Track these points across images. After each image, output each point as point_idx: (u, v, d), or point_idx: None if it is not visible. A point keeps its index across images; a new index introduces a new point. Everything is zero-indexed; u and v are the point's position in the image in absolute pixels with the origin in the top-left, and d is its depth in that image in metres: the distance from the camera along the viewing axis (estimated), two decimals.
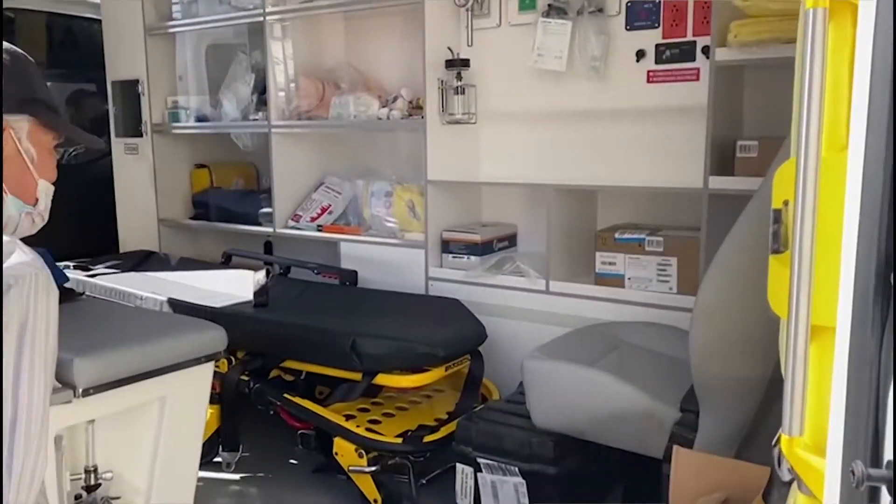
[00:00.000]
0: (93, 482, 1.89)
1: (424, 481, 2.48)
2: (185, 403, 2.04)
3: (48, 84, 1.38)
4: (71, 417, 1.79)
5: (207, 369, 2.06)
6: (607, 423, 1.98)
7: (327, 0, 3.12)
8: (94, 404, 1.81)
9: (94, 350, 1.80)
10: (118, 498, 1.93)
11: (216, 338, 2.07)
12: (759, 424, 1.84)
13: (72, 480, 1.88)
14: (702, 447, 1.86)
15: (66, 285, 3.01)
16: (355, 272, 3.10)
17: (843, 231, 0.82)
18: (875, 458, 0.75)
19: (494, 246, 2.99)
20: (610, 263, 2.65)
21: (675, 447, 1.68)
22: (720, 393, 1.81)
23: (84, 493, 1.89)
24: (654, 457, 1.94)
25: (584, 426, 2.02)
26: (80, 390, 1.76)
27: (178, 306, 2.71)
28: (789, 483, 1.13)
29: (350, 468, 2.35)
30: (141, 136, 3.79)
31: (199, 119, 3.67)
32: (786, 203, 1.01)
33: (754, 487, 1.52)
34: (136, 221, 3.90)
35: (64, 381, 1.76)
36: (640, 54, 2.72)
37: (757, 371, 1.76)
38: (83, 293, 2.32)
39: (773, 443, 1.19)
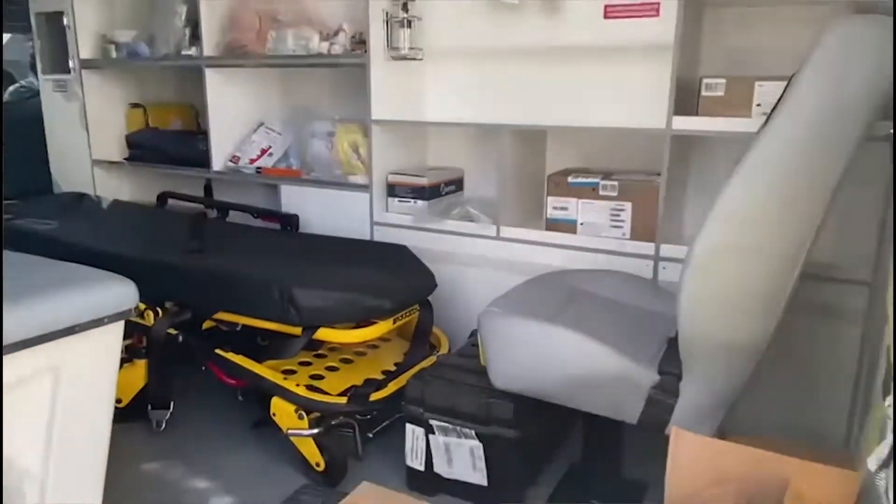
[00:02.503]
0: None
1: (371, 435, 2.00)
2: (86, 372, 1.46)
3: None
4: None
5: (114, 331, 1.48)
6: (575, 386, 1.52)
7: None
8: None
9: None
10: None
11: (123, 294, 1.48)
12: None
13: None
14: (683, 416, 1.44)
15: None
16: (296, 216, 2.62)
17: None
18: None
19: (442, 190, 2.53)
20: (562, 208, 2.24)
21: (674, 429, 1.22)
22: (710, 357, 1.38)
23: None
24: (628, 422, 1.50)
25: (549, 389, 1.56)
26: None
27: (95, 254, 2.11)
28: None
29: (289, 431, 1.84)
30: (69, 73, 3.10)
31: (131, 55, 2.99)
32: None
33: (777, 480, 1.07)
34: (68, 163, 3.26)
35: None
36: None
37: (754, 335, 1.34)
38: None
39: (878, 466, 0.73)
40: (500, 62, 2.43)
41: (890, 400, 0.77)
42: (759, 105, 1.89)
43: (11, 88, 4.07)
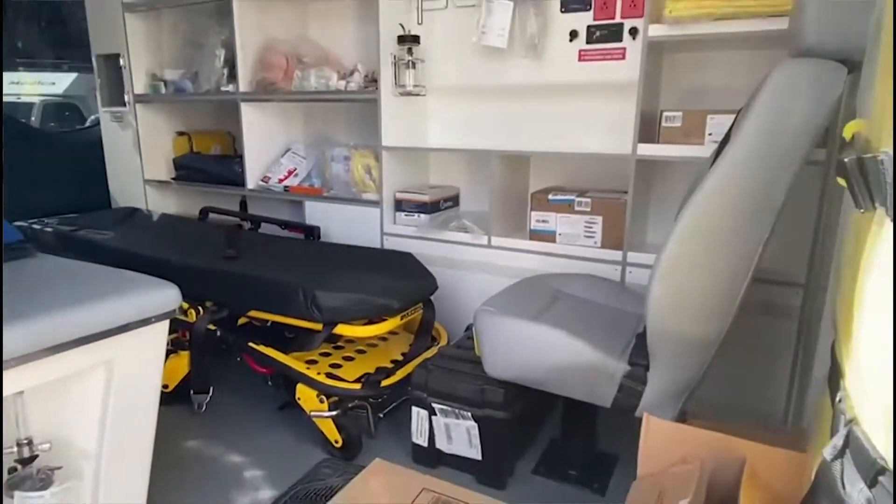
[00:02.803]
0: (27, 455, 1.26)
1: (382, 415, 1.95)
2: (136, 365, 1.40)
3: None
4: None
5: (160, 329, 1.43)
6: (558, 375, 1.48)
7: None
8: (16, 377, 1.17)
9: (13, 319, 1.15)
10: (59, 467, 1.31)
11: (168, 297, 1.43)
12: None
13: (4, 454, 1.25)
14: (650, 400, 1.39)
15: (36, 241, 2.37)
16: (318, 228, 2.56)
17: None
18: None
19: (441, 205, 2.48)
20: (543, 221, 2.19)
21: (645, 415, 1.18)
22: (674, 350, 1.33)
23: (19, 467, 1.27)
24: (602, 406, 1.46)
25: (535, 377, 1.52)
26: None
27: (146, 261, 2.06)
28: None
29: (312, 413, 1.79)
30: (125, 105, 3.03)
31: (178, 90, 2.93)
32: None
33: (734, 460, 1.04)
34: (124, 182, 3.18)
35: None
36: (573, 34, 2.19)
37: (712, 331, 1.29)
38: (33, 249, 1.62)
39: (833, 456, 0.69)
40: (490, 97, 2.40)
41: (840, 395, 0.74)
42: (710, 134, 1.86)
43: (91, 118, 4.01)
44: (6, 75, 3.26)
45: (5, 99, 3.31)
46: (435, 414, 1.72)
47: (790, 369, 1.87)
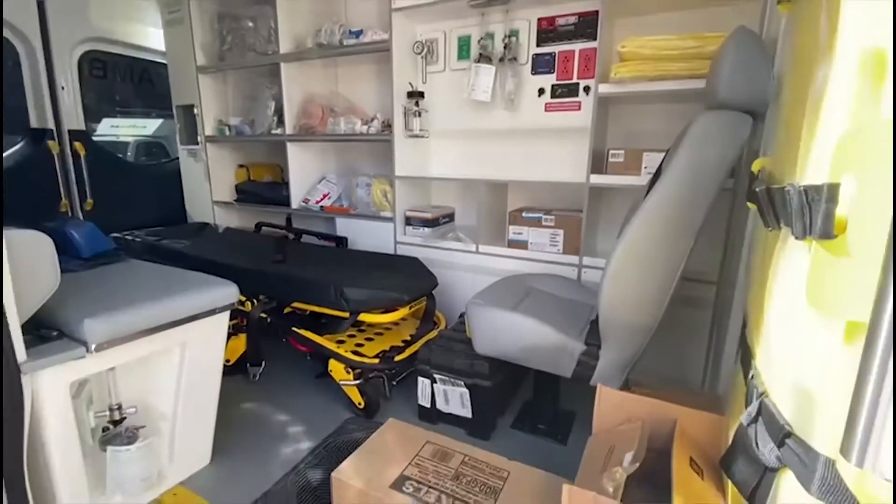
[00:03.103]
0: (117, 417, 1.23)
1: (395, 383, 1.91)
2: (203, 346, 1.37)
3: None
4: (87, 369, 1.11)
5: (223, 318, 1.40)
6: (531, 353, 1.45)
7: (328, 50, 2.38)
8: (109, 356, 1.13)
9: (106, 310, 1.12)
10: (143, 426, 1.27)
11: (228, 293, 1.40)
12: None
13: (98, 416, 1.22)
14: (601, 372, 1.36)
15: (122, 248, 2.34)
16: (346, 238, 2.52)
17: None
18: None
19: (440, 221, 2.43)
20: (518, 233, 2.15)
21: (599, 386, 1.15)
22: (620, 334, 1.30)
23: (111, 426, 1.23)
24: (565, 376, 1.44)
25: (514, 354, 1.49)
26: (93, 346, 1.08)
27: (213, 264, 2.03)
28: (772, 470, 0.62)
29: (341, 381, 1.75)
30: (198, 144, 2.99)
31: (238, 133, 2.89)
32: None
33: (668, 419, 1.01)
34: (197, 202, 3.13)
35: (77, 339, 1.08)
36: (541, 91, 2.16)
37: (648, 320, 1.26)
38: (123, 255, 1.59)
39: (748, 422, 0.67)
40: (478, 139, 2.37)
41: (752, 373, 0.71)
42: (646, 167, 1.84)
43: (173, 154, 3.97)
44: (108, 120, 3.18)
45: (107, 139, 3.25)
46: (436, 382, 1.69)
47: (706, 347, 1.85)
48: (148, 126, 3.50)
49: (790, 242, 0.60)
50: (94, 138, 3.00)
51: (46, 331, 1.09)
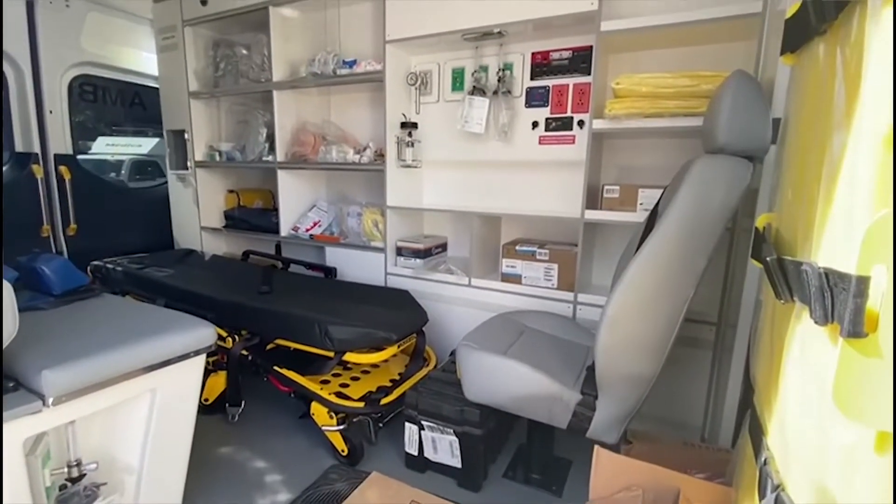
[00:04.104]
0: (76, 474, 1.13)
1: (381, 425, 1.81)
2: (176, 391, 1.28)
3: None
4: (44, 424, 1.02)
5: (198, 361, 1.31)
6: (524, 402, 1.37)
7: (322, 80, 2.36)
8: (69, 409, 1.04)
9: (67, 359, 1.03)
10: (104, 483, 1.17)
11: (205, 335, 1.31)
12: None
13: (54, 474, 1.12)
14: (598, 425, 1.28)
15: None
16: (335, 268, 2.44)
17: None
18: None
19: (432, 251, 2.37)
20: (512, 266, 2.09)
21: (595, 447, 1.07)
22: (618, 385, 1.23)
23: (69, 484, 1.13)
24: (560, 427, 1.36)
25: (505, 402, 1.41)
26: (50, 400, 0.99)
27: (196, 296, 1.95)
28: None
29: (324, 427, 1.66)
30: (187, 169, 2.94)
31: (229, 159, 2.84)
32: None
33: (670, 488, 0.93)
34: (185, 228, 3.06)
35: (34, 391, 1.00)
36: (535, 124, 2.14)
37: (649, 370, 1.19)
38: (98, 290, 1.51)
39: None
40: (471, 170, 2.33)
41: (764, 455, 0.64)
42: (641, 204, 1.80)
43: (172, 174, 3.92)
44: (103, 139, 3.13)
45: (102, 157, 3.20)
46: (423, 429, 1.60)
47: (706, 390, 1.77)
48: (143, 145, 3.47)
49: (807, 323, 0.54)
50: (86, 156, 2.94)
51: (4, 381, 1.01)
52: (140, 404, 1.24)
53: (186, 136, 2.88)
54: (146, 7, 2.91)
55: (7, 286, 0.97)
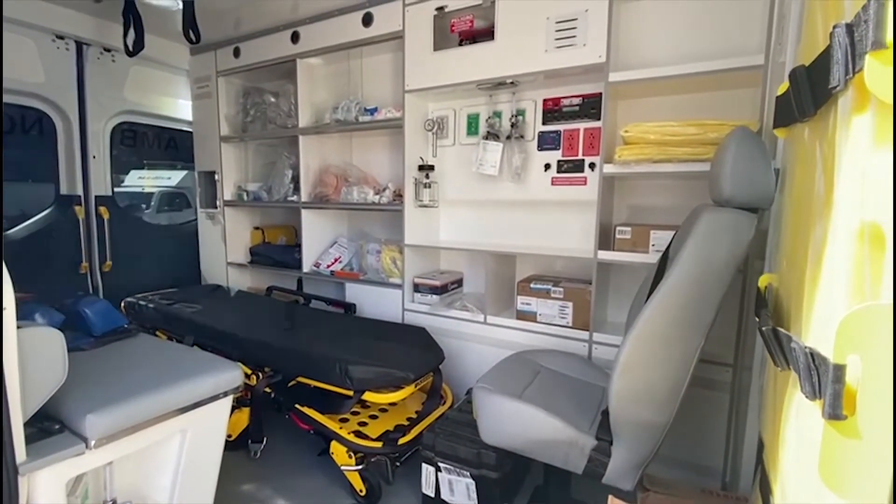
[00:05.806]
0: None
1: (399, 464, 1.83)
2: (205, 431, 1.35)
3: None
4: (86, 465, 1.10)
5: (226, 402, 1.39)
6: (539, 446, 1.38)
7: (345, 126, 2.50)
8: (109, 450, 1.11)
9: (108, 403, 1.11)
10: None
11: (234, 377, 1.39)
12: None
13: None
14: (614, 471, 1.29)
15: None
16: (354, 304, 2.51)
17: None
18: None
19: (448, 287, 2.43)
20: (527, 304, 2.12)
21: (609, 497, 1.09)
22: (633, 432, 1.25)
23: None
24: (575, 472, 1.36)
25: (521, 446, 1.42)
26: (93, 442, 1.07)
27: (223, 334, 2.03)
28: None
29: (343, 466, 1.69)
30: (216, 207, 3.09)
31: (256, 198, 2.99)
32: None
33: None
34: (213, 263, 3.20)
35: (78, 434, 1.07)
36: (547, 166, 2.21)
37: (662, 417, 1.21)
38: (134, 330, 1.60)
39: None
40: (486, 209, 2.40)
41: None
42: (653, 245, 1.83)
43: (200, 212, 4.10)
44: (136, 172, 3.31)
45: (135, 189, 3.39)
46: (440, 471, 1.62)
47: (725, 432, 1.75)
48: (172, 177, 3.69)
49: (800, 394, 0.57)
50: (119, 190, 3.11)
51: (49, 423, 1.09)
52: (172, 444, 1.30)
53: (217, 176, 3.05)
54: (183, 59, 3.14)
55: (59, 337, 1.06)
